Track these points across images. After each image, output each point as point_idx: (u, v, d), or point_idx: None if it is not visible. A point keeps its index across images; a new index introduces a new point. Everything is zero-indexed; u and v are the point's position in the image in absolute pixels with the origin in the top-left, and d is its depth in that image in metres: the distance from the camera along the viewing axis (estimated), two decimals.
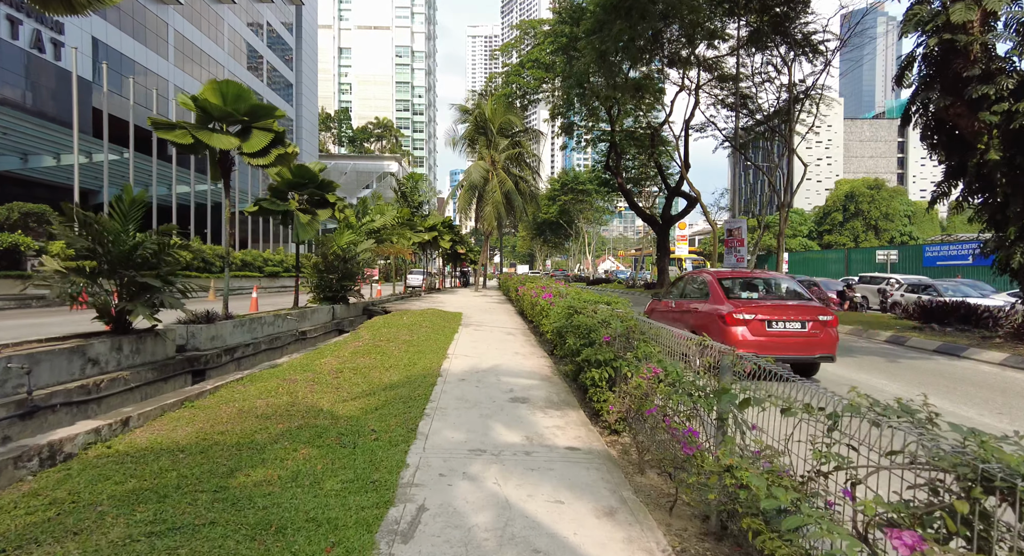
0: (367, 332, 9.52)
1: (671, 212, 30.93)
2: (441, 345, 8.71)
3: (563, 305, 6.59)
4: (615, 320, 4.99)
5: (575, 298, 7.31)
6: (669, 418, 3.05)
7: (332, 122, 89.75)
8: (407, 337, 9.28)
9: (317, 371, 6.69)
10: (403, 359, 7.53)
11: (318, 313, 11.18)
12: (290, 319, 9.66)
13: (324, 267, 12.54)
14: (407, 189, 20.90)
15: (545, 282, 11.27)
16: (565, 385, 6.34)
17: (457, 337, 9.74)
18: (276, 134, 8.13)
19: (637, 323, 4.61)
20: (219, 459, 3.80)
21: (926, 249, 37.45)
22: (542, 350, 8.92)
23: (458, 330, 10.60)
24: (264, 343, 8.58)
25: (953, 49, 9.01)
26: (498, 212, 25.67)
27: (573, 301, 6.72)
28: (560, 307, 6.66)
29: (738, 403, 2.37)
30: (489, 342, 9.40)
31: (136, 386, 5.52)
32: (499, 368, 7.18)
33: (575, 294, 7.66)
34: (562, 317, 6.40)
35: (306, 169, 10.36)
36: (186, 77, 38.32)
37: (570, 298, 7.38)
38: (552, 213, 58.74)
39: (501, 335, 10.40)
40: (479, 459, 3.87)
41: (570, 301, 6.71)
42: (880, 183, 60.00)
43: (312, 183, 10.45)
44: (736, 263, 21.24)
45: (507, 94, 29.14)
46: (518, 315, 14.87)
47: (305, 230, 10.18)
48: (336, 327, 12.03)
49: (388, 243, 15.51)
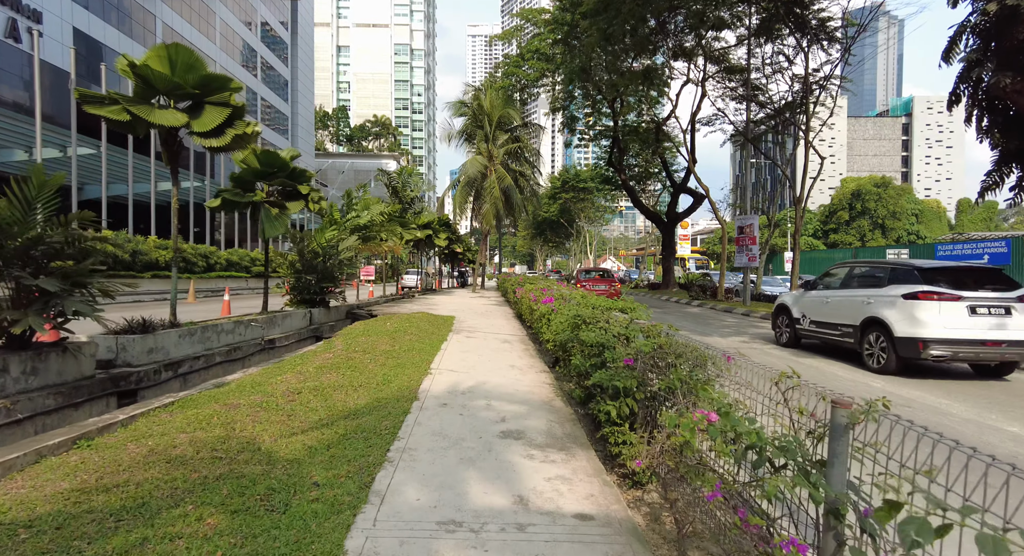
0: (342, 341, 8.36)
1: (676, 209, 29.73)
2: (425, 357, 7.54)
3: (567, 313, 5.43)
4: (636, 334, 3.83)
5: (581, 303, 6.15)
6: (744, 510, 1.89)
7: (330, 120, 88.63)
8: (387, 346, 8.12)
9: (269, 393, 5.53)
10: (377, 376, 6.37)
11: (291, 318, 10.02)
12: (255, 326, 8.50)
13: (302, 266, 11.38)
14: (398, 184, 19.69)
15: (545, 283, 10.10)
16: (570, 411, 5.18)
17: (445, 346, 8.58)
18: (234, 109, 6.97)
19: (670, 339, 3.44)
20: (75, 542, 2.64)
21: (938, 248, 36.33)
22: (542, 362, 7.76)
23: (447, 337, 9.44)
24: (220, 355, 7.42)
25: (1014, 16, 7.84)
26: (496, 209, 24.50)
27: (579, 308, 5.56)
28: (564, 315, 5.50)
29: (931, 530, 1.21)
30: (481, 352, 8.24)
31: (27, 417, 4.35)
32: (490, 387, 6.02)
33: (580, 298, 6.50)
34: (566, 328, 5.25)
35: (274, 155, 9.20)
36: None
37: (574, 304, 6.22)
38: (553, 212, 57.60)
39: (496, 343, 9.24)
40: (451, 540, 2.71)
41: (575, 308, 5.55)
42: (887, 181, 58.76)
43: (282, 172, 9.28)
44: (748, 262, 20.07)
45: (506, 86, 27.95)
46: (516, 319, 13.72)
47: (273, 225, 9.02)
48: (313, 333, 10.87)
49: (376, 241, 14.36)
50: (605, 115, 34.04)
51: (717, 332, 12.69)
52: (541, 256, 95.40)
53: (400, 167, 20.83)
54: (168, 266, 20.42)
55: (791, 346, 10.07)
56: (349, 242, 11.91)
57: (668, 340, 3.47)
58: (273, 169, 9.28)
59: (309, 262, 11.38)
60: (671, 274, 28.69)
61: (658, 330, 3.76)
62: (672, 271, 29.07)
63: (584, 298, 6.49)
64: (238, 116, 7.15)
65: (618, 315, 4.93)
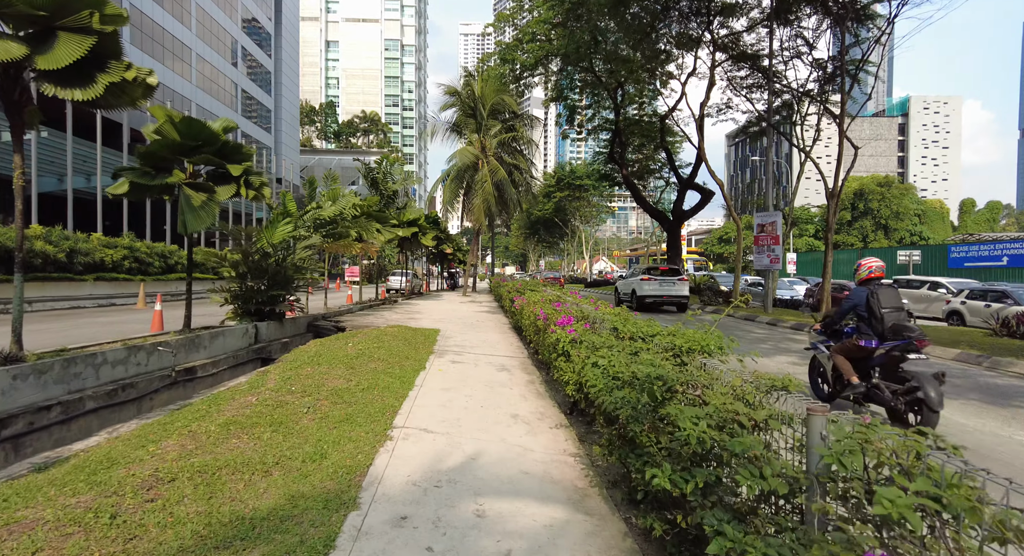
0: (280, 373, 6.11)
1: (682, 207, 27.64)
2: (390, 400, 5.31)
3: (615, 358, 3.24)
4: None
5: (624, 330, 3.98)
6: None
7: (317, 115, 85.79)
8: (340, 381, 5.88)
9: (117, 485, 3.29)
10: (308, 440, 4.15)
11: (224, 337, 7.73)
12: (162, 351, 6.22)
13: (247, 269, 9.10)
14: (379, 174, 17.33)
15: (554, 293, 7.85)
16: (617, 519, 2.97)
17: (422, 380, 6.35)
18: (102, 38, 4.70)
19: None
20: None
21: (952, 249, 34.65)
22: (554, 404, 5.57)
23: (427, 364, 7.21)
24: (93, 400, 5.14)
25: None
26: (489, 205, 22.26)
27: (628, 346, 3.38)
28: (606, 359, 3.30)
29: None
30: (471, 390, 6.02)
31: None
32: (483, 467, 3.80)
33: (619, 321, 4.31)
34: (608, 383, 3.07)
35: (199, 125, 6.92)
36: (145, 57, 34.58)
37: (608, 329, 4.05)
38: (547, 210, 55.42)
39: (490, 372, 7.02)
40: None
41: (625, 346, 3.38)
42: (891, 180, 57.16)
43: (208, 146, 7.01)
44: (770, 264, 18.01)
45: (502, 73, 25.72)
46: (513, 332, 11.51)
47: (197, 215, 6.76)
48: (258, 355, 8.60)
49: (348, 239, 12.08)
50: (605, 107, 31.96)
51: (750, 347, 10.56)
52: (534, 256, 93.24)
53: (382, 156, 18.46)
54: (117, 267, 17.98)
55: None
56: (312, 239, 9.64)
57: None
58: (197, 142, 6.99)
59: (257, 264, 9.10)
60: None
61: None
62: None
63: (624, 321, 4.30)
64: (113, 54, 4.89)
65: (716, 365, 2.75)
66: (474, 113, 23.37)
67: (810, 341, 6.23)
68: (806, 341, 12.71)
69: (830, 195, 15.56)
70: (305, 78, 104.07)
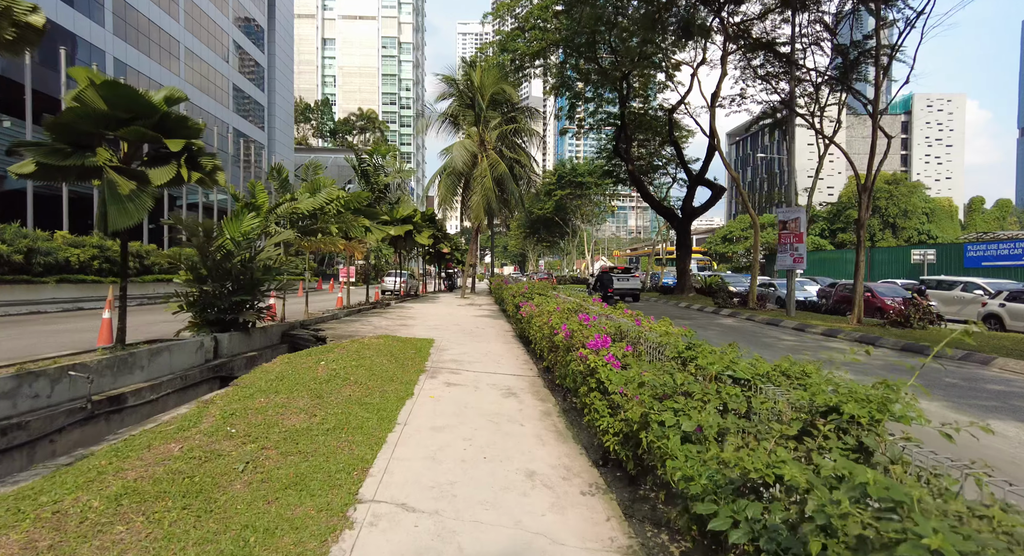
0: (224, 405, 4.71)
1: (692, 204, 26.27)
2: (359, 452, 3.91)
3: (700, 418, 1.86)
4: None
5: (707, 361, 2.63)
6: None
7: (312, 113, 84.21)
8: (298, 418, 4.49)
9: None
10: (228, 529, 2.75)
11: (169, 354, 6.33)
12: (74, 377, 4.82)
13: (207, 271, 7.70)
14: (369, 166, 15.87)
15: (575, 301, 6.43)
16: None
17: (406, 415, 4.96)
18: None
19: None
20: None
21: (968, 248, 33.50)
22: (580, 449, 4.19)
23: (415, 390, 5.82)
24: None
25: None
26: (488, 202, 20.86)
27: (728, 395, 2.03)
28: (694, 424, 1.92)
29: None
30: (471, 427, 4.63)
31: None
32: None
33: (685, 346, 2.94)
34: (712, 477, 1.70)
35: (130, 92, 5.53)
36: (129, 49, 33.17)
37: (684, 373, 2.70)
38: (548, 209, 54.01)
39: (494, 399, 5.64)
40: None
41: (713, 396, 2.03)
42: (900, 178, 55.87)
43: (144, 119, 5.63)
44: (793, 264, 16.65)
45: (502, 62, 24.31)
46: (518, 341, 10.12)
47: (123, 208, 5.38)
48: (216, 372, 7.19)
49: (331, 237, 10.68)
50: (608, 101, 30.62)
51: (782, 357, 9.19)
52: (533, 256, 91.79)
53: (372, 146, 17.05)
54: (86, 268, 16.54)
55: None
56: (284, 235, 8.25)
57: None
58: (129, 114, 5.59)
59: (218, 265, 7.70)
60: (688, 277, 25.20)
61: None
62: (688, 274, 25.57)
63: (694, 348, 2.93)
64: None
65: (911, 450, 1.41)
66: (472, 104, 21.96)
67: None
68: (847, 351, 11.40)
69: (862, 189, 14.21)
70: (301, 76, 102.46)
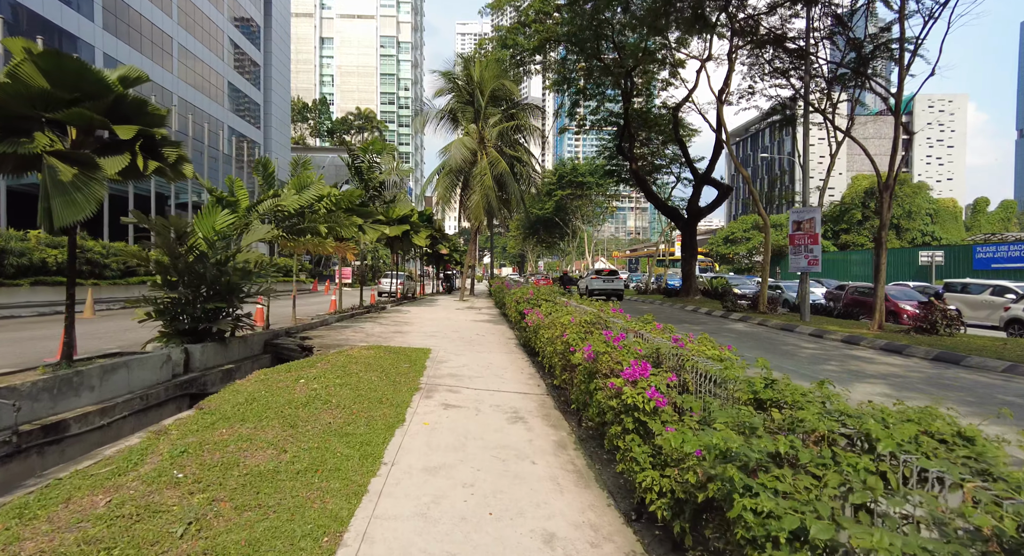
0: (178, 436, 3.92)
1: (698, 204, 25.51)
2: (333, 506, 3.11)
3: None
4: None
5: (813, 418, 1.82)
6: None
7: (310, 112, 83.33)
8: (265, 455, 3.69)
9: None
10: None
11: (127, 370, 5.53)
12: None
13: (178, 275, 6.91)
14: (363, 163, 15.09)
15: (592, 310, 5.62)
16: None
17: (395, 451, 4.16)
18: None
19: None
20: None
21: (977, 250, 32.90)
22: (606, 498, 3.40)
23: (407, 413, 5.03)
24: None
25: None
26: (488, 201, 20.08)
27: (847, 465, 1.23)
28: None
29: None
30: (473, 467, 3.84)
31: None
32: None
33: (760, 383, 2.16)
34: None
35: (77, 66, 4.74)
36: (120, 44, 32.35)
37: (760, 416, 1.91)
38: (548, 209, 53.23)
39: (499, 426, 4.85)
40: None
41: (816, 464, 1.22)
42: (904, 178, 55.21)
43: (92, 99, 4.85)
44: (807, 266, 15.90)
45: (502, 58, 23.54)
46: (522, 350, 9.33)
47: (69, 199, 4.60)
48: (186, 389, 6.39)
49: (321, 237, 9.89)
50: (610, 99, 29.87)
51: (809, 369, 8.41)
52: (532, 257, 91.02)
53: (366, 142, 16.28)
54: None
55: None
56: (261, 232, 7.45)
57: None
58: (75, 93, 4.80)
59: (190, 267, 6.91)
60: (693, 279, 24.40)
61: None
62: (694, 276, 24.78)
63: (778, 388, 2.16)
64: None
65: None
66: (472, 100, 21.19)
67: None
68: (873, 358, 10.58)
69: (884, 188, 13.49)
70: (299, 75, 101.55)
